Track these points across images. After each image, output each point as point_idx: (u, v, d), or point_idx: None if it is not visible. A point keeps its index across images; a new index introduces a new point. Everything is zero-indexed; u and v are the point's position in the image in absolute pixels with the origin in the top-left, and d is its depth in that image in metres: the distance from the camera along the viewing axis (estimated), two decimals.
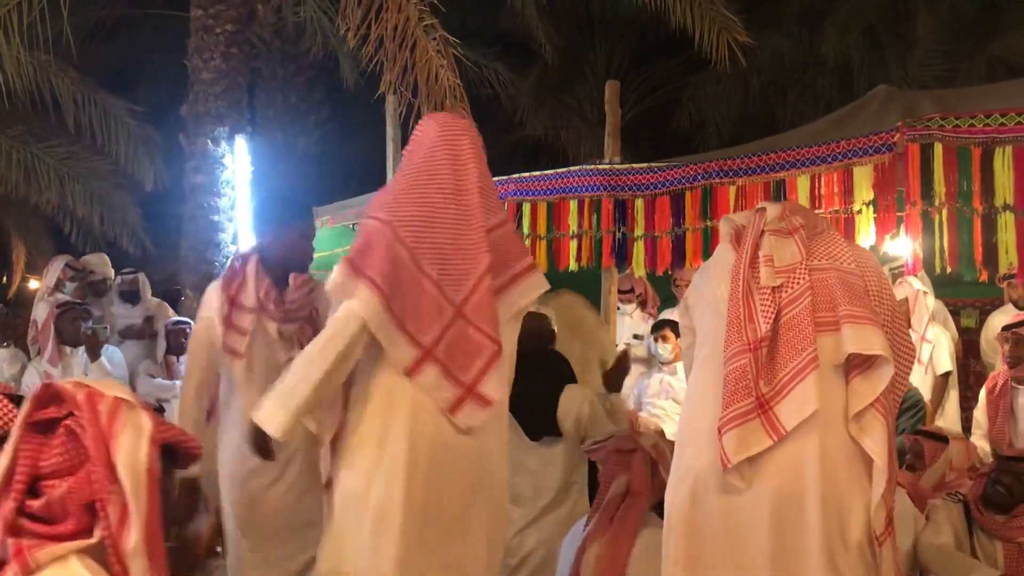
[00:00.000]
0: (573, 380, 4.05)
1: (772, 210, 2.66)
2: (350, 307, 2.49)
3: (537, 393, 3.90)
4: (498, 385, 2.59)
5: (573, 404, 3.86)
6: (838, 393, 2.44)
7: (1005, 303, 5.87)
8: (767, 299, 2.50)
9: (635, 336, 6.46)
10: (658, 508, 3.25)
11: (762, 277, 2.53)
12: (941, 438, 4.11)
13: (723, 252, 2.72)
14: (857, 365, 2.45)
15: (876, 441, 2.40)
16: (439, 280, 2.56)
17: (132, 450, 1.66)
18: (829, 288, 2.50)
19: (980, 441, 5.01)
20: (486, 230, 2.61)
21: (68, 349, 5.70)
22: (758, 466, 2.43)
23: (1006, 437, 4.87)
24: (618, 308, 6.51)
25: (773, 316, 2.48)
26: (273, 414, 2.49)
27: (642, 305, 6.79)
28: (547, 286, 2.72)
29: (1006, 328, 4.94)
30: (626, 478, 3.20)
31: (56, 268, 6.61)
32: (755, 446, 2.41)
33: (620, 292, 6.33)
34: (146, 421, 1.70)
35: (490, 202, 2.70)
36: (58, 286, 6.53)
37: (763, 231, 2.61)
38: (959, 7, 9.82)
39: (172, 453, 1.80)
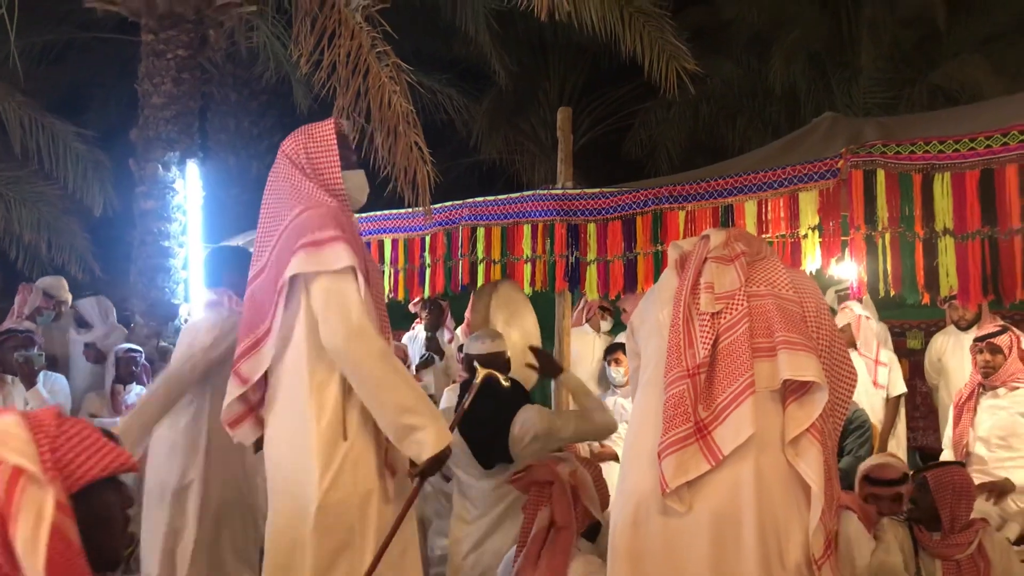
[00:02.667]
0: (526, 402, 4.06)
1: (716, 237, 2.72)
2: None
3: (489, 423, 3.90)
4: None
5: (528, 424, 3.86)
6: (775, 418, 2.49)
7: (947, 324, 6.01)
8: (706, 325, 2.55)
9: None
10: (587, 533, 3.26)
11: (702, 303, 2.58)
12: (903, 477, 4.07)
13: (668, 278, 2.77)
14: (794, 391, 2.50)
15: (811, 466, 2.43)
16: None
17: (31, 536, 1.48)
18: (767, 314, 2.55)
19: (950, 456, 5.13)
20: (262, 242, 2.89)
21: (9, 378, 5.58)
22: (697, 489, 2.47)
23: (964, 441, 4.99)
24: (599, 327, 6.59)
25: (711, 342, 2.53)
26: None
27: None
28: (307, 267, 2.71)
29: (979, 339, 5.06)
30: (548, 511, 3.18)
31: (35, 298, 6.48)
32: (693, 471, 2.46)
33: (601, 308, 6.40)
34: (47, 498, 1.51)
35: (281, 206, 2.86)
36: (33, 316, 6.40)
37: (706, 258, 2.66)
38: (900, 37, 10.11)
39: (113, 480, 1.69)
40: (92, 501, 1.63)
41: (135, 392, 6.06)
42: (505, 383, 3.69)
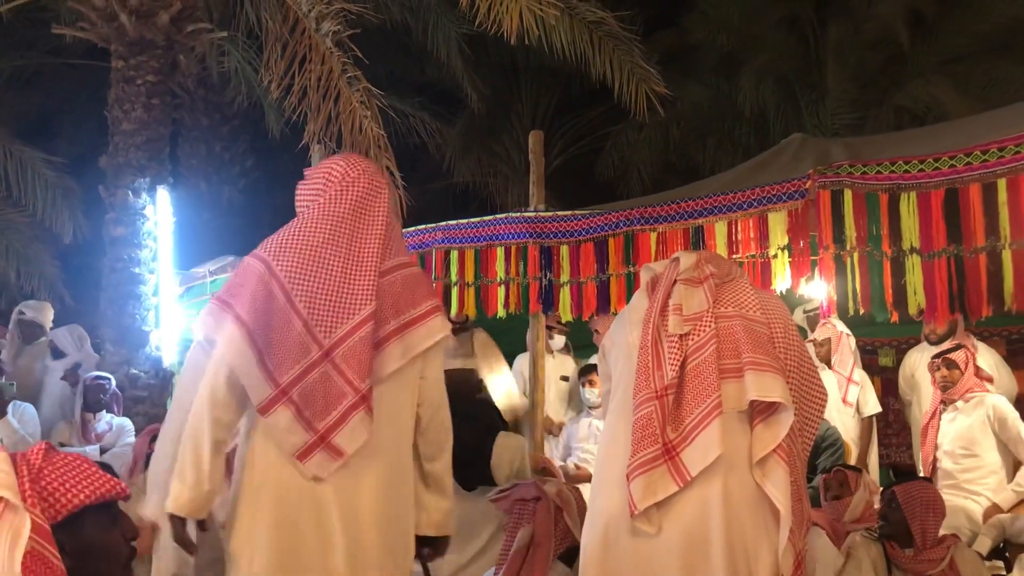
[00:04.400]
0: (504, 427, 4.06)
1: (686, 259, 2.74)
2: (216, 352, 2.46)
3: (468, 444, 3.89)
4: (353, 436, 2.44)
5: (507, 453, 3.86)
6: (742, 438, 2.51)
7: (922, 340, 6.06)
8: (674, 346, 2.57)
9: (562, 377, 6.49)
10: (564, 556, 3.26)
11: (670, 325, 2.60)
12: (856, 468, 4.21)
13: (638, 300, 2.79)
14: (760, 411, 2.52)
15: (778, 487, 2.45)
16: (308, 319, 2.46)
17: (6, 557, 1.53)
18: (734, 336, 2.57)
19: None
20: (377, 275, 2.52)
21: None
22: (666, 511, 2.48)
23: (930, 456, 5.05)
24: (550, 347, 6.56)
25: (680, 363, 2.54)
26: (176, 495, 2.43)
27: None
28: (448, 329, 2.61)
29: (936, 356, 5.13)
30: (530, 528, 3.19)
31: None
32: (661, 492, 2.46)
33: (553, 325, 6.38)
34: (23, 523, 1.57)
35: (391, 245, 2.61)
36: None
37: (675, 280, 2.68)
38: (865, 59, 10.28)
39: (105, 507, 1.71)
40: (81, 529, 1.67)
41: (105, 420, 5.99)
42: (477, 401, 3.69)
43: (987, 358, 5.49)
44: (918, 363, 5.92)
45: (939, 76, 9.79)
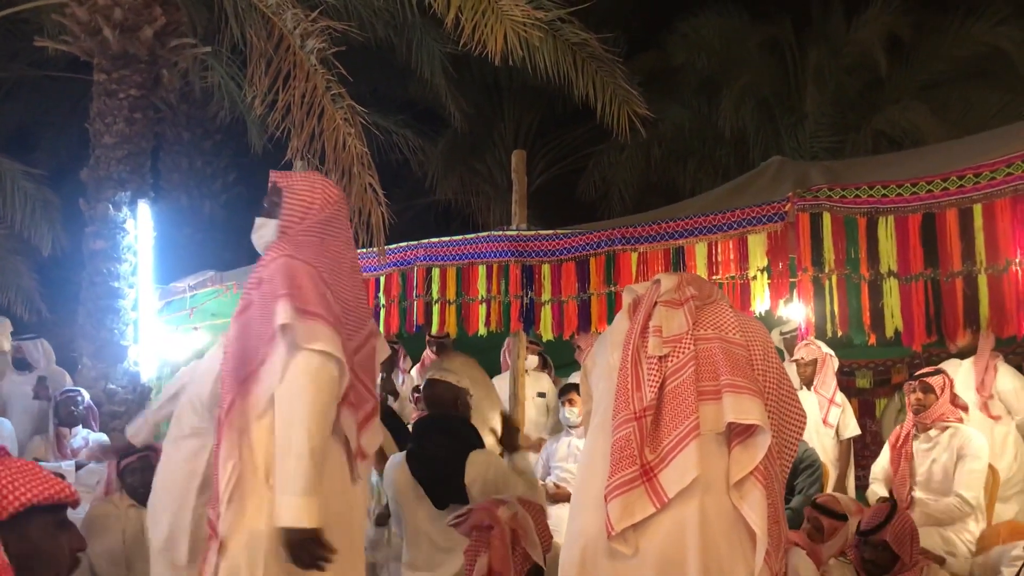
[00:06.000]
0: (479, 445, 4.04)
1: (667, 281, 2.76)
2: (318, 353, 2.49)
3: (442, 460, 3.87)
4: (374, 439, 2.69)
5: (479, 469, 3.83)
6: (720, 460, 2.52)
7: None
8: (654, 368, 2.59)
9: (538, 394, 6.50)
10: None
11: (650, 347, 2.62)
12: (840, 516, 4.09)
13: (620, 321, 2.81)
14: (738, 434, 2.53)
15: (755, 509, 2.46)
16: (345, 327, 2.63)
17: None
18: (713, 358, 2.58)
19: (878, 487, 5.18)
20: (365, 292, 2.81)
21: None
22: (642, 531, 2.49)
23: (907, 483, 5.03)
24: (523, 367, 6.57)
25: (658, 385, 2.56)
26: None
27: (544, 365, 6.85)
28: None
29: (913, 378, 5.12)
30: (487, 557, 3.16)
31: None
32: (639, 513, 2.48)
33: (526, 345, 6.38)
34: None
35: None
36: None
37: (656, 302, 2.71)
38: (844, 84, 10.41)
39: (52, 512, 1.72)
40: (24, 529, 1.68)
41: (81, 436, 5.94)
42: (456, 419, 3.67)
43: (1010, 381, 5.40)
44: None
45: (916, 101, 9.93)
